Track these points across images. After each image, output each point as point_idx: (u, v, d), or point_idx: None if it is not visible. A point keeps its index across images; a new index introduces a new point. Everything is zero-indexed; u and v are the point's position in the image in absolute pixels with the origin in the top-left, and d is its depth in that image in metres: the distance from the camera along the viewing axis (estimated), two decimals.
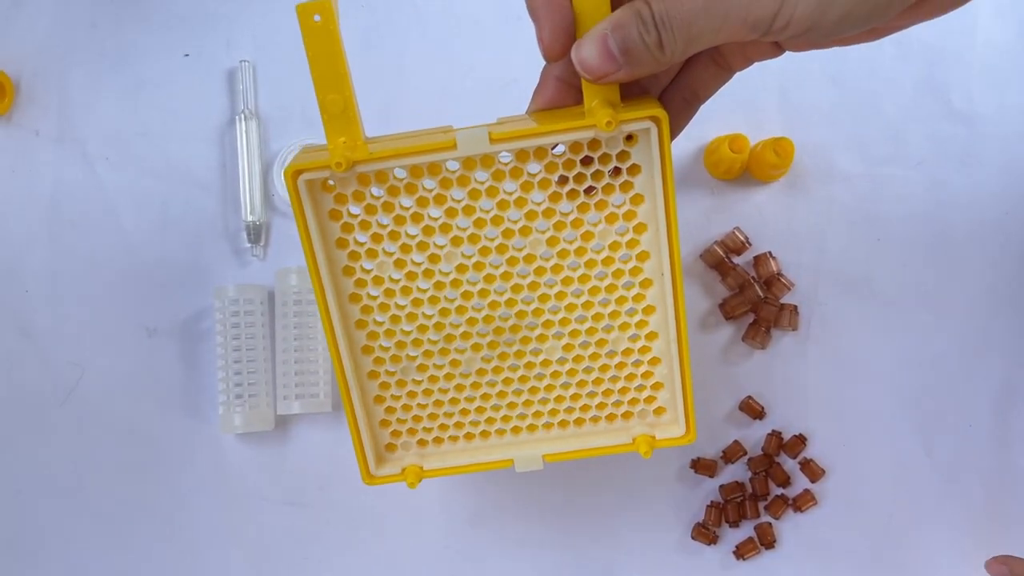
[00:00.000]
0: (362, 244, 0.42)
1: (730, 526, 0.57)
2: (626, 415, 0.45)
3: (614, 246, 0.42)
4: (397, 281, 0.42)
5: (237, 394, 0.56)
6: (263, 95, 0.60)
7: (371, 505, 0.57)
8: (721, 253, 0.58)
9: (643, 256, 0.42)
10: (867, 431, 0.57)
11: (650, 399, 0.45)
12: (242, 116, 0.59)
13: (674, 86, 0.43)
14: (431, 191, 0.41)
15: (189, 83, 0.60)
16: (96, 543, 0.57)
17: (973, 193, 0.59)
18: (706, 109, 0.60)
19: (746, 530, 0.57)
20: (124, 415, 0.58)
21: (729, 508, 0.57)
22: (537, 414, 0.45)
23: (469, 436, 0.46)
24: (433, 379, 0.44)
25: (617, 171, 0.40)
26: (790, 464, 0.57)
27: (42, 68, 0.60)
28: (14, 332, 0.58)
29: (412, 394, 0.45)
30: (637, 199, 0.41)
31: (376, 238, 0.41)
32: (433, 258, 0.42)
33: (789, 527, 0.57)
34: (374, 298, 0.43)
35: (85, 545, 0.57)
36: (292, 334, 0.56)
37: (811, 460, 0.57)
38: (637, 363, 0.44)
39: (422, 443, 0.46)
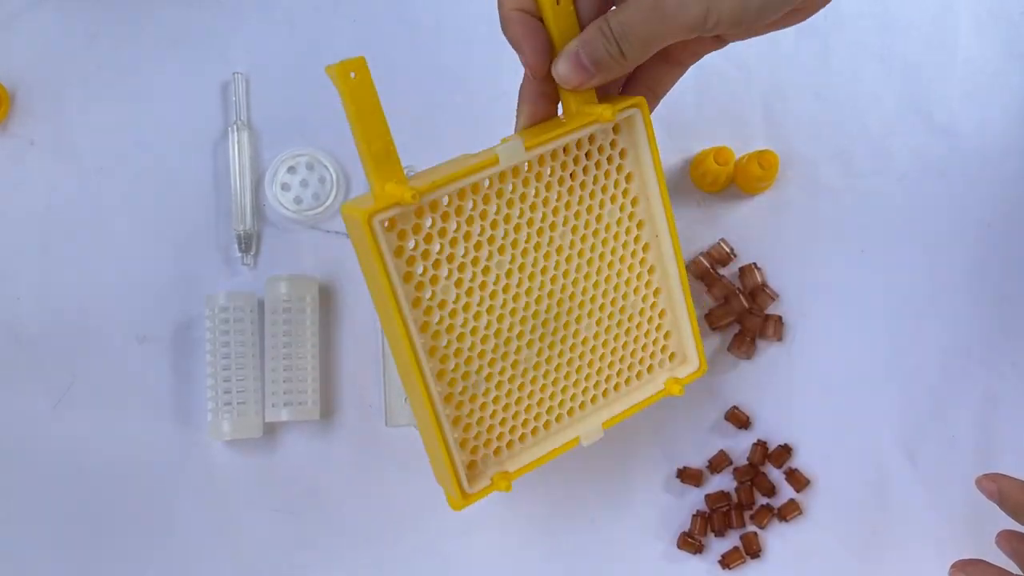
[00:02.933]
0: (425, 273, 0.44)
1: (716, 535, 0.57)
2: (650, 368, 0.51)
3: (619, 222, 0.49)
4: (458, 299, 0.45)
5: (226, 401, 0.56)
6: (256, 107, 0.61)
7: (358, 513, 0.57)
8: (707, 264, 0.58)
9: (640, 224, 0.49)
10: (851, 441, 0.58)
11: (664, 348, 0.51)
12: (235, 127, 0.60)
13: (632, 85, 0.48)
14: (476, 209, 0.45)
15: (183, 94, 0.61)
16: (85, 548, 0.57)
17: (954, 206, 0.60)
18: (692, 122, 0.61)
19: (732, 539, 0.57)
20: (114, 421, 0.58)
21: (715, 517, 0.57)
22: (585, 391, 0.50)
23: (535, 431, 0.49)
24: (499, 385, 0.47)
25: (610, 158, 0.47)
26: (775, 474, 0.58)
27: (39, 79, 0.61)
28: (6, 338, 0.59)
29: (484, 406, 0.47)
30: (629, 177, 0.48)
31: (436, 264, 0.45)
32: (485, 270, 0.46)
33: (774, 536, 0.57)
34: (441, 322, 0.45)
35: (74, 551, 0.57)
36: (281, 342, 0.57)
37: (796, 470, 0.57)
38: (650, 319, 0.51)
39: (497, 452, 0.48)
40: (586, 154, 0.47)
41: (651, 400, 0.51)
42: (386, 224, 0.42)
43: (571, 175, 0.47)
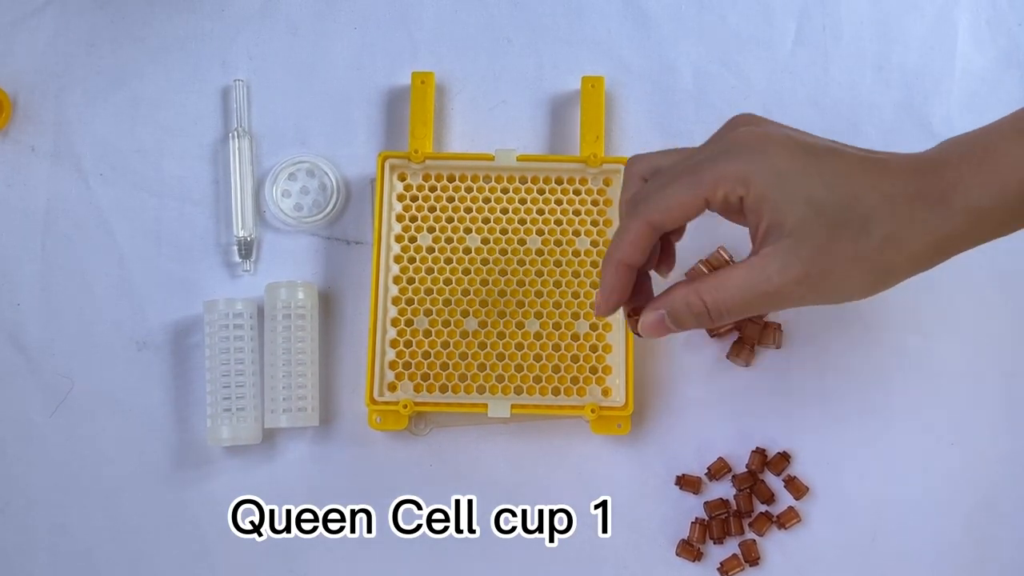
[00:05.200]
0: (414, 219, 0.58)
1: (715, 543, 0.57)
2: (580, 391, 0.56)
3: (587, 253, 0.58)
4: (431, 250, 0.57)
5: (225, 407, 0.56)
6: (256, 114, 0.61)
7: (358, 519, 0.57)
8: (705, 271, 0.59)
9: None
10: (850, 448, 0.58)
11: (600, 379, 0.56)
12: (235, 134, 0.60)
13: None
14: (470, 190, 0.58)
15: (184, 101, 0.62)
16: (83, 555, 0.57)
17: None
18: (692, 130, 0.62)
19: (730, 547, 0.57)
20: (113, 427, 0.58)
21: (714, 525, 0.57)
22: (512, 378, 0.56)
23: (456, 388, 0.56)
24: (440, 333, 0.56)
25: (595, 201, 0.59)
26: (774, 481, 0.58)
27: (40, 85, 0.61)
28: (6, 344, 0.59)
29: (420, 343, 0.56)
30: (607, 223, 0.58)
31: (424, 217, 0.58)
32: (460, 239, 0.58)
33: (773, 544, 0.57)
34: (412, 259, 0.57)
35: (73, 555, 0.57)
36: (280, 348, 0.57)
37: (795, 477, 0.57)
38: (593, 347, 0.56)
39: (417, 388, 0.56)
40: (575, 191, 0.58)
41: (564, 411, 0.55)
42: (397, 175, 0.58)
43: (557, 200, 0.58)
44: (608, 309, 0.45)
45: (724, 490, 0.58)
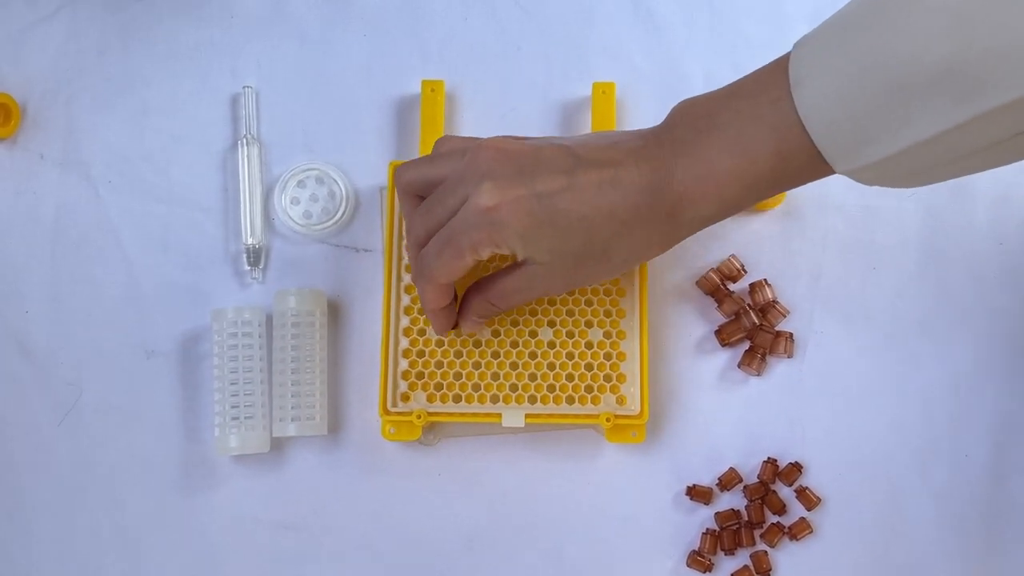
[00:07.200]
0: None
1: (726, 554, 0.56)
2: (595, 400, 0.55)
3: None
4: None
5: (233, 416, 0.56)
6: (265, 121, 0.61)
7: (364, 529, 0.57)
8: (717, 280, 0.58)
9: (621, 292, 0.56)
10: (863, 459, 0.57)
11: (615, 387, 0.56)
12: (244, 141, 0.60)
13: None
14: None
15: (193, 109, 0.61)
16: (91, 564, 0.57)
17: (966, 223, 0.60)
18: None
19: (742, 558, 0.57)
20: (120, 436, 0.58)
21: (725, 536, 0.56)
22: (526, 387, 0.56)
23: (469, 398, 0.56)
24: (452, 343, 0.56)
25: None
26: (786, 492, 0.57)
27: (49, 92, 0.61)
28: (14, 352, 0.59)
29: (433, 353, 0.56)
30: None
31: None
32: None
33: (785, 555, 0.57)
34: None
35: (80, 565, 0.57)
36: (289, 356, 0.56)
37: (807, 488, 0.57)
38: (607, 354, 0.56)
39: (431, 398, 0.55)
40: None
41: (579, 419, 0.55)
42: None
43: None
44: (443, 331, 0.54)
45: (735, 501, 0.57)
